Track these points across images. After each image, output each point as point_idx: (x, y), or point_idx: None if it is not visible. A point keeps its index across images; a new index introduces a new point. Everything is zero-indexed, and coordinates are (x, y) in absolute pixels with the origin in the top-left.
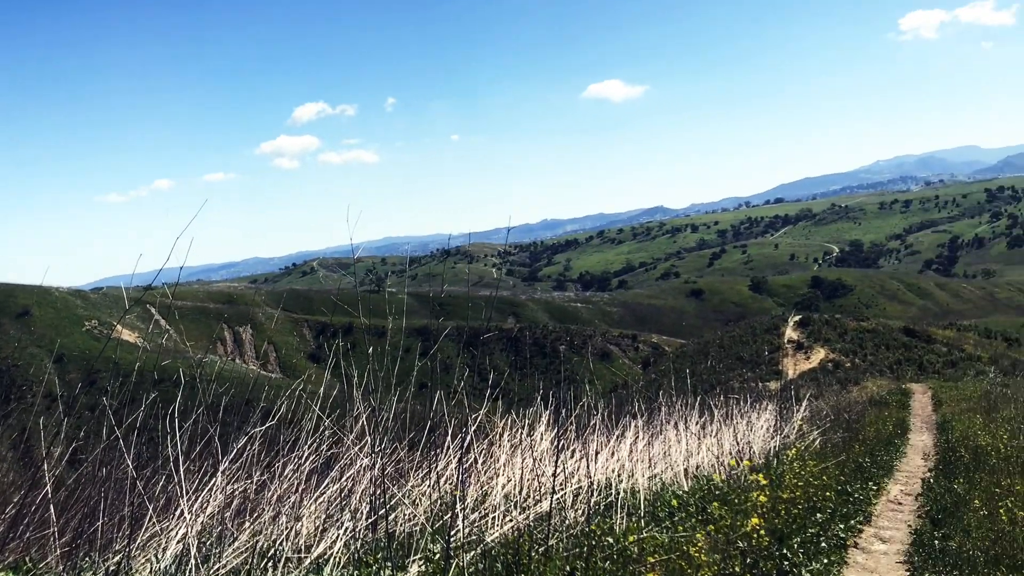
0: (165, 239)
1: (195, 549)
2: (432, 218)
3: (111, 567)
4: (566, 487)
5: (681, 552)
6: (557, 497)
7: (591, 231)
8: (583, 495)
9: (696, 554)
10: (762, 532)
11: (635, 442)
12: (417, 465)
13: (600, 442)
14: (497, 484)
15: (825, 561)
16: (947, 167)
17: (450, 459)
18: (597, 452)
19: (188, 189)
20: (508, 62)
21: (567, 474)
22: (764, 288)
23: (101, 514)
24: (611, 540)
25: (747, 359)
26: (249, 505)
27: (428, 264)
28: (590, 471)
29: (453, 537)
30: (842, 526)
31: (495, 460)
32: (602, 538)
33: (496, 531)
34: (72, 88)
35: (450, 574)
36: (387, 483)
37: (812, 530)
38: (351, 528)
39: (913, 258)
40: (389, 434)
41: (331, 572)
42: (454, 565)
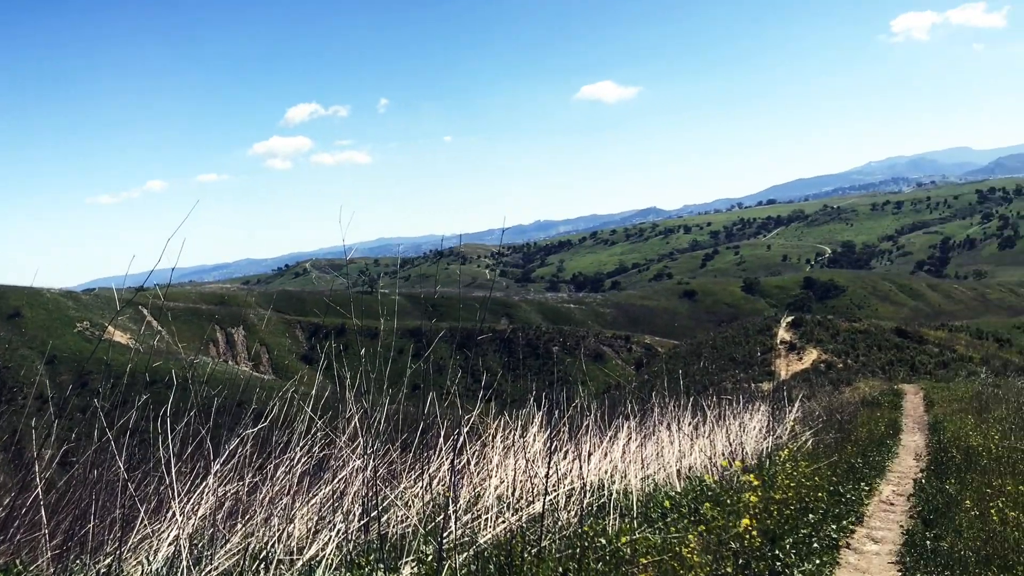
0: (157, 240)
1: (187, 551)
2: (425, 219)
3: (102, 569)
4: (559, 488)
5: (674, 553)
6: (550, 498)
7: (584, 232)
8: (576, 496)
9: (688, 555)
10: (754, 533)
11: (628, 443)
12: (410, 467)
13: (593, 443)
14: (490, 485)
15: (817, 562)
16: (939, 168)
17: (443, 460)
18: (590, 453)
19: (180, 190)
20: (501, 63)
21: (560, 475)
22: (757, 289)
23: (92, 516)
24: (604, 541)
25: (740, 360)
26: (241, 507)
27: (421, 265)
28: (583, 472)
29: (446, 539)
30: (834, 527)
31: (488, 461)
32: (595, 539)
33: (489, 532)
34: (63, 88)
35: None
36: (379, 485)
37: (804, 531)
38: (343, 530)
39: (905, 259)
40: (382, 436)
41: (323, 574)
42: (446, 567)
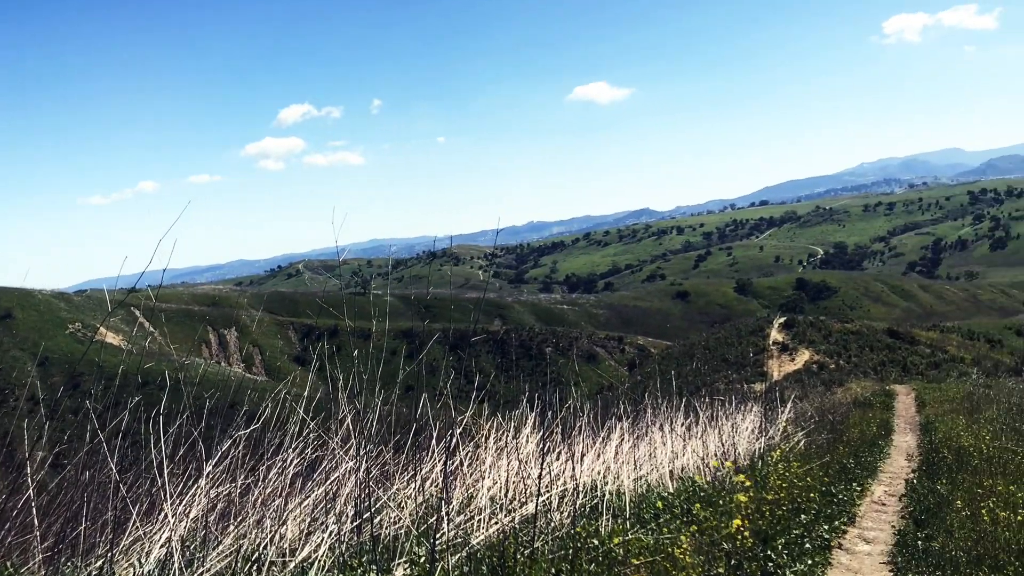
0: (149, 241)
1: (179, 553)
2: (418, 220)
3: (93, 572)
4: (552, 489)
5: (666, 554)
6: (543, 499)
7: (577, 233)
8: (569, 497)
9: (681, 556)
10: (746, 533)
11: (621, 444)
12: (402, 468)
13: (586, 444)
14: (483, 486)
15: (809, 562)
16: (930, 169)
17: (436, 462)
18: (583, 454)
19: (173, 191)
20: (494, 64)
21: (553, 476)
22: (749, 290)
23: (84, 518)
24: (596, 542)
25: (732, 361)
26: (233, 509)
27: (414, 266)
28: (576, 473)
29: (438, 540)
30: (826, 527)
31: (481, 462)
32: (588, 540)
33: (482, 534)
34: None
35: None
36: (372, 486)
37: (796, 531)
38: (336, 531)
39: (897, 260)
40: (374, 437)
41: None
42: (439, 568)
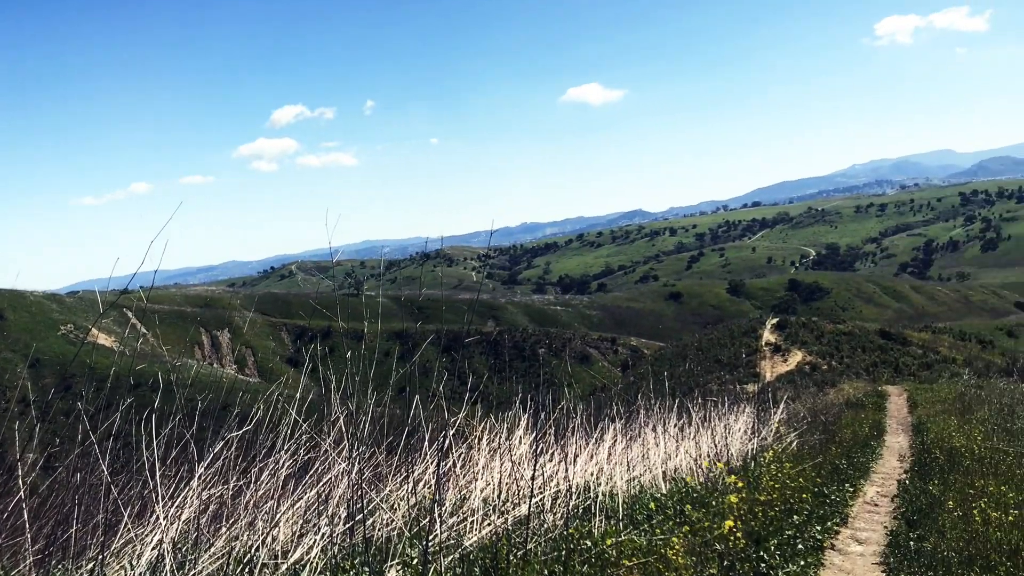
0: (141, 242)
1: (170, 556)
2: (412, 221)
3: (84, 574)
4: (545, 491)
5: (659, 555)
6: (536, 501)
7: (570, 234)
8: (562, 499)
9: (673, 557)
10: (739, 534)
11: (614, 445)
12: (395, 469)
13: (579, 445)
14: (476, 488)
15: (802, 563)
16: (922, 171)
17: (428, 463)
18: (576, 455)
19: (165, 192)
20: (488, 65)
21: (546, 478)
22: (742, 291)
23: (75, 520)
24: (589, 543)
25: (725, 362)
26: (225, 511)
27: (407, 267)
28: (569, 474)
29: (431, 542)
30: (819, 528)
31: (474, 464)
32: (580, 541)
33: (475, 535)
34: (47, 90)
35: None
36: (365, 488)
37: (789, 532)
38: (328, 533)
39: (889, 261)
40: (367, 439)
41: None
42: (432, 570)
